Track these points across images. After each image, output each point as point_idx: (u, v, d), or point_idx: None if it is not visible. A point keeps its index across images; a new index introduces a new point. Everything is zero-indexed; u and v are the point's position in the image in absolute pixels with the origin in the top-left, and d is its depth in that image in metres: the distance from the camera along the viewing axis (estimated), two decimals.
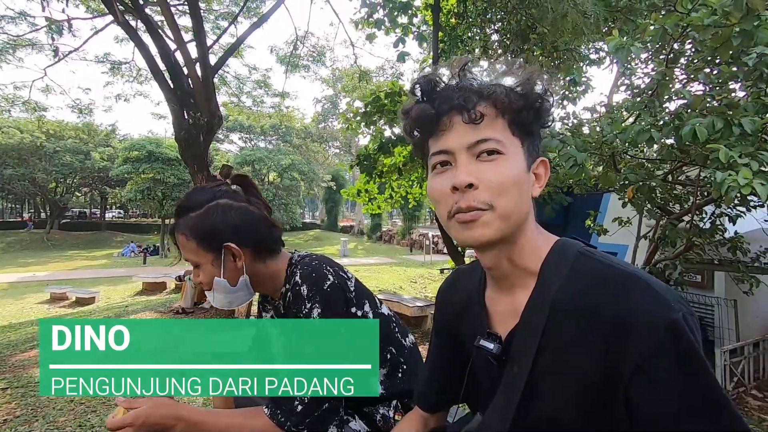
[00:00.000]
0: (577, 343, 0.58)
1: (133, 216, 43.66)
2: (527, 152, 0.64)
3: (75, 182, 31.53)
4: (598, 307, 0.57)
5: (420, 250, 21.66)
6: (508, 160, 0.61)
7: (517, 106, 0.62)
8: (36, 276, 16.49)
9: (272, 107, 13.47)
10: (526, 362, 0.61)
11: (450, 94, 0.62)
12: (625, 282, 0.57)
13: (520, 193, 0.62)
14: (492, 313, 0.72)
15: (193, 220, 1.01)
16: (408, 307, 4.90)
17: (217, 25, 10.61)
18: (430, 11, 5.05)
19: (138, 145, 24.45)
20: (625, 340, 0.54)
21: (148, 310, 5.71)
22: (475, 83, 0.63)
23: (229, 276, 1.02)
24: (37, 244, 28.11)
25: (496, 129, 0.62)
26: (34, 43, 9.89)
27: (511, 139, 0.62)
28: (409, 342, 1.20)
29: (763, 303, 4.05)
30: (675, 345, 0.52)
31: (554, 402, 0.59)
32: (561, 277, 0.61)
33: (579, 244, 0.66)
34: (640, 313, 0.54)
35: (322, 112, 31.61)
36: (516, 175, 0.61)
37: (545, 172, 0.66)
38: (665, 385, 0.52)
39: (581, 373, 0.57)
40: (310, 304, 0.97)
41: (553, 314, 0.60)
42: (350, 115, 5.59)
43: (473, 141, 0.61)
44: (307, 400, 0.93)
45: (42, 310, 8.60)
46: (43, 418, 2.41)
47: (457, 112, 0.61)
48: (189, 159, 6.64)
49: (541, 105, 0.64)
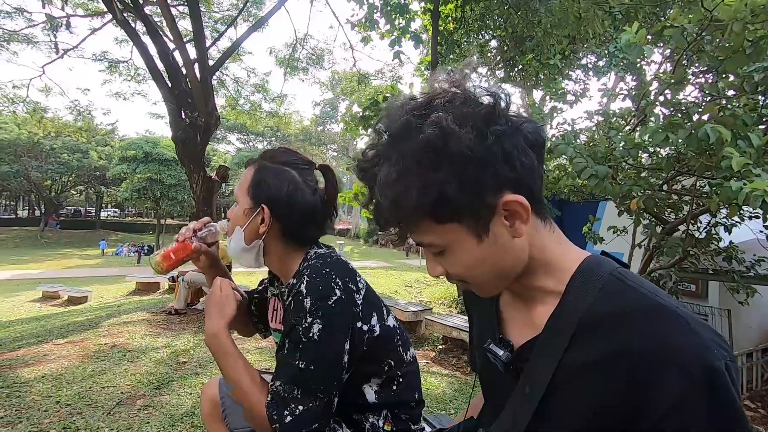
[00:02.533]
0: (599, 371, 0.53)
1: (128, 215, 43.45)
2: (472, 222, 0.56)
3: (71, 180, 31.40)
4: (627, 338, 0.52)
5: (416, 254, 21.66)
6: (453, 252, 0.58)
7: (420, 201, 0.54)
8: (28, 274, 16.34)
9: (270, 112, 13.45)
10: (541, 382, 0.57)
11: (383, 209, 0.58)
12: (660, 316, 0.52)
13: (489, 263, 0.58)
14: (506, 318, 0.69)
15: (265, 167, 1.05)
16: (402, 312, 4.88)
17: (216, 29, 10.62)
18: (428, 16, 5.07)
19: (135, 145, 24.41)
20: (654, 380, 0.49)
21: (140, 310, 5.65)
22: (392, 188, 0.55)
23: (248, 232, 1.04)
24: (30, 242, 27.90)
25: (424, 232, 0.58)
26: (30, 39, 9.85)
27: (443, 231, 0.57)
28: (410, 356, 1.16)
29: (756, 313, 4.06)
30: (711, 394, 0.47)
31: (568, 421, 0.56)
32: (589, 297, 0.57)
33: (612, 264, 0.60)
34: (675, 354, 0.49)
35: (320, 115, 31.68)
36: (470, 259, 0.58)
37: (519, 205, 0.56)
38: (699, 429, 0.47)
39: (600, 396, 0.53)
40: (311, 319, 0.93)
41: (577, 334, 0.56)
42: (348, 118, 5.59)
43: (418, 242, 0.60)
44: (297, 412, 0.91)
45: (33, 308, 8.50)
46: (27, 420, 2.36)
47: (392, 222, 0.60)
48: (186, 159, 6.61)
49: (438, 198, 0.53)
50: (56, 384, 2.91)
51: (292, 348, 0.95)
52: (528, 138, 0.57)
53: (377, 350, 1.06)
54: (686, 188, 2.86)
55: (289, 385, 0.92)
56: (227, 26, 9.61)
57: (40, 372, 3.13)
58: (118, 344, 3.95)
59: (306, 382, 0.92)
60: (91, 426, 2.30)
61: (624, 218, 3.00)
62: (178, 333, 4.49)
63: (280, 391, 0.93)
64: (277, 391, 0.94)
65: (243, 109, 12.75)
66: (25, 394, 2.73)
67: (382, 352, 1.07)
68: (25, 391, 2.77)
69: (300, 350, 0.93)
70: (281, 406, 0.91)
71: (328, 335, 0.93)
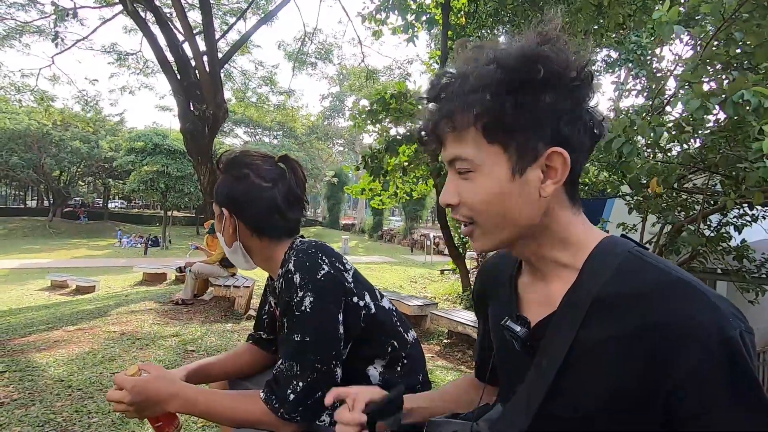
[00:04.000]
0: (616, 344, 0.54)
1: (135, 207, 43.79)
2: (516, 155, 0.57)
3: (79, 172, 31.66)
4: (645, 311, 0.53)
5: (421, 250, 21.65)
6: (481, 176, 0.58)
7: (488, 106, 0.55)
8: (37, 263, 16.55)
9: (277, 105, 13.46)
10: (556, 357, 0.58)
11: (446, 99, 0.58)
12: (678, 289, 0.53)
13: (506, 204, 0.58)
14: (523, 299, 0.69)
15: (227, 170, 1.10)
16: (408, 306, 4.89)
17: (225, 21, 10.62)
18: (440, 10, 5.04)
19: (143, 136, 24.52)
20: (673, 351, 0.50)
21: (148, 300, 5.71)
22: (446, 99, 0.58)
23: (225, 237, 1.10)
24: (39, 232, 28.21)
25: (467, 142, 0.58)
26: (42, 30, 9.92)
27: (487, 150, 0.57)
28: (412, 337, 1.19)
29: (765, 314, 4.02)
30: (729, 363, 0.49)
31: (582, 402, 0.56)
32: (606, 274, 0.57)
33: (630, 243, 0.61)
34: (693, 325, 0.50)
35: (328, 109, 31.64)
36: (494, 190, 0.58)
37: (562, 163, 0.57)
38: (713, 406, 0.49)
39: (616, 376, 0.54)
40: (302, 293, 0.96)
41: (593, 311, 0.57)
42: (356, 113, 5.59)
43: (450, 158, 0.60)
44: (299, 388, 0.92)
45: (42, 296, 8.62)
46: (40, 402, 2.40)
47: (444, 121, 0.58)
48: (193, 151, 6.65)
49: (515, 104, 0.55)
50: (67, 369, 2.96)
51: (290, 325, 0.97)
52: (594, 122, 0.59)
53: (376, 329, 1.08)
54: (697, 187, 2.84)
55: (288, 362, 0.94)
56: (236, 19, 9.63)
57: (52, 357, 3.19)
58: (127, 332, 4.00)
59: (304, 354, 0.94)
60: (102, 409, 2.34)
61: (633, 216, 2.98)
62: (186, 323, 4.54)
63: (283, 370, 0.95)
64: (280, 370, 0.95)
65: (250, 102, 12.78)
66: (38, 378, 2.78)
67: (382, 332, 1.10)
68: (38, 375, 2.82)
69: (294, 324, 0.96)
70: (283, 388, 0.93)
71: (320, 306, 0.96)
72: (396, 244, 26.46)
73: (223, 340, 3.91)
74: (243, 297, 5.20)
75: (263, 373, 1.25)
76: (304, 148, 31.36)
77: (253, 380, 1.24)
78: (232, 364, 1.23)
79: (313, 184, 32.44)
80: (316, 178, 31.71)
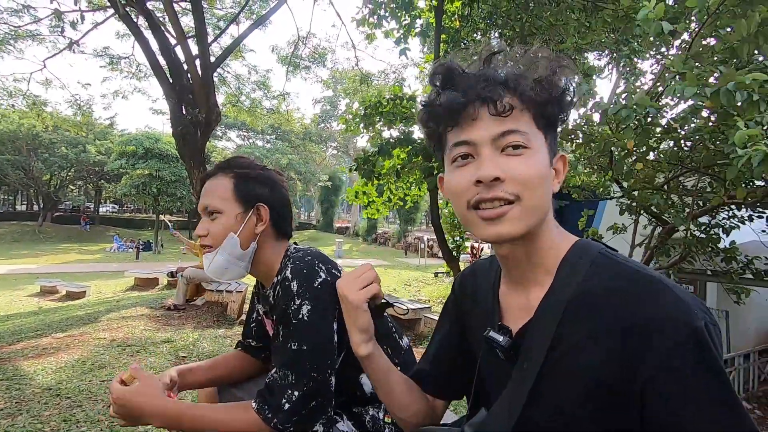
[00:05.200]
0: (592, 341, 0.57)
1: (127, 211, 43.37)
2: (549, 147, 0.63)
3: (70, 175, 31.29)
4: (617, 307, 0.56)
5: (415, 253, 21.66)
6: (534, 154, 0.60)
7: (543, 99, 0.61)
8: (27, 268, 16.31)
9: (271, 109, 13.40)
10: (537, 358, 0.60)
11: (474, 84, 0.60)
12: (647, 284, 0.56)
13: (544, 187, 0.61)
14: (504, 308, 0.71)
15: (243, 170, 1.07)
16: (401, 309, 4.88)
17: (218, 26, 10.59)
18: (433, 13, 5.06)
19: (135, 140, 24.31)
20: (644, 342, 0.53)
21: (139, 306, 5.64)
22: (500, 73, 0.61)
23: (243, 237, 1.03)
24: (28, 237, 27.81)
25: (522, 122, 0.60)
26: (34, 34, 9.81)
27: (536, 133, 0.61)
28: (405, 344, 1.18)
29: (754, 315, 4.07)
30: (696, 352, 0.52)
31: (563, 399, 0.59)
32: (580, 275, 0.61)
33: (600, 245, 0.65)
34: (663, 317, 0.53)
35: (321, 113, 31.63)
36: (541, 169, 0.61)
37: (563, 168, 0.66)
38: (683, 391, 0.51)
39: (594, 371, 0.56)
40: (300, 301, 0.95)
41: (569, 311, 0.59)
42: (350, 117, 5.57)
43: (498, 133, 0.59)
44: (294, 397, 0.91)
45: (32, 303, 8.49)
46: (27, 412, 2.36)
47: (482, 103, 0.59)
48: (186, 155, 6.61)
49: (564, 99, 0.63)
50: (56, 377, 2.91)
51: (285, 333, 0.96)
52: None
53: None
54: (687, 188, 2.87)
55: (283, 370, 0.93)
56: (229, 23, 9.59)
57: (40, 365, 3.14)
58: (117, 339, 3.95)
59: (299, 363, 0.93)
60: (92, 418, 2.31)
61: (624, 217, 3.01)
62: (178, 328, 4.49)
63: (277, 379, 0.93)
64: (273, 379, 0.94)
65: (243, 106, 12.71)
66: (25, 386, 2.73)
67: (380, 336, 1.09)
68: (25, 384, 2.77)
69: (291, 332, 0.95)
70: (277, 396, 0.91)
71: (317, 315, 0.95)
72: (390, 247, 26.45)
73: (215, 346, 3.87)
74: (236, 302, 5.16)
75: (252, 380, 1.24)
76: (297, 151, 31.28)
77: (242, 388, 1.22)
78: (222, 369, 1.21)
79: (307, 188, 32.36)
80: (310, 182, 31.63)
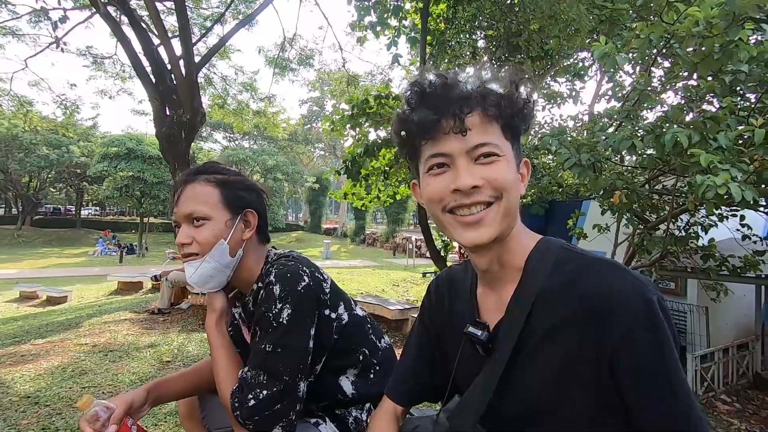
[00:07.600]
0: (560, 325, 0.62)
1: (110, 213, 42.47)
2: (516, 153, 0.69)
3: (50, 177, 30.52)
4: (581, 289, 0.62)
5: (403, 253, 21.68)
6: (505, 161, 0.66)
7: (508, 111, 0.66)
8: (5, 273, 15.84)
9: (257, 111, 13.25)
10: (507, 347, 0.65)
11: (445, 101, 0.65)
12: (605, 267, 0.64)
13: (516, 192, 0.67)
14: (482, 307, 0.76)
15: (227, 177, 1.06)
16: (389, 310, 4.88)
17: (204, 26, 10.44)
18: (419, 15, 5.08)
19: (117, 141, 23.83)
20: (607, 315, 0.59)
21: (123, 310, 5.53)
22: (467, 88, 0.65)
23: (232, 242, 1.02)
24: (7, 241, 27.03)
25: (492, 134, 0.65)
26: (14, 32, 9.55)
27: (504, 143, 0.67)
28: (384, 343, 1.19)
29: (732, 311, 4.18)
30: (652, 320, 0.58)
31: (533, 383, 0.63)
32: (546, 269, 0.66)
33: (561, 241, 0.71)
34: (621, 292, 0.59)
35: (308, 114, 31.47)
36: (513, 175, 0.66)
37: (527, 172, 0.72)
38: (644, 356, 0.58)
39: (563, 353, 0.61)
40: (281, 305, 0.95)
41: (538, 303, 0.65)
42: (336, 118, 5.55)
43: (472, 146, 0.64)
44: (261, 396, 0.92)
45: (10, 309, 8.24)
46: (4, 421, 2.29)
47: (453, 118, 0.64)
48: (170, 157, 6.51)
49: (527, 109, 0.68)
50: (34, 384, 2.84)
51: (262, 335, 0.97)
52: None
53: (349, 338, 1.08)
54: (667, 188, 2.93)
55: (256, 370, 0.94)
56: (214, 22, 9.49)
57: (18, 373, 3.05)
58: (99, 344, 3.86)
59: (273, 365, 0.93)
60: (71, 426, 2.25)
61: (607, 217, 3.06)
62: (162, 332, 4.42)
63: (248, 377, 0.95)
64: (245, 377, 0.96)
65: (230, 109, 12.56)
66: (2, 395, 2.66)
67: (353, 340, 1.10)
68: (2, 392, 2.70)
69: (269, 334, 0.95)
70: (245, 391, 0.93)
71: (297, 320, 0.96)
72: (378, 248, 26.42)
73: (202, 349, 3.82)
74: None
75: None
76: (284, 152, 31.06)
77: None
78: (199, 378, 1.19)
79: (294, 189, 32.14)
80: (297, 183, 31.43)
